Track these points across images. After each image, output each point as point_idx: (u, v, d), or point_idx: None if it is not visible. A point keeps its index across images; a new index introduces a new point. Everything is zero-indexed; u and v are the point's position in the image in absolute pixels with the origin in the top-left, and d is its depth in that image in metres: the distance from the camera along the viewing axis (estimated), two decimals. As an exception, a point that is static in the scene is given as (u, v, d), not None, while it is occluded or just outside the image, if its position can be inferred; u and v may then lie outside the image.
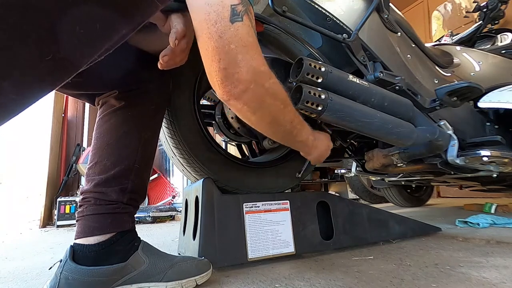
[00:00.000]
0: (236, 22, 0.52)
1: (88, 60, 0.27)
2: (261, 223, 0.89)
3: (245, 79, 0.54)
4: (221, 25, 0.51)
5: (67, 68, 0.26)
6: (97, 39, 0.26)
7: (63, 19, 0.22)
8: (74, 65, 0.26)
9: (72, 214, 2.50)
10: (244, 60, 0.53)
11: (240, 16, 0.52)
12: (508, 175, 1.27)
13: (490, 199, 2.18)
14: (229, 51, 0.52)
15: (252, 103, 0.58)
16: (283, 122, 0.66)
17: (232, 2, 0.51)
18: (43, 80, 0.25)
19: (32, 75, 0.24)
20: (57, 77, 0.26)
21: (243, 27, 0.52)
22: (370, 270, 0.77)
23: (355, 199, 2.87)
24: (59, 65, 0.25)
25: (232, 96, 0.56)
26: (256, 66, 0.55)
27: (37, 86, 0.25)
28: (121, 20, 0.26)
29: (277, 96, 0.61)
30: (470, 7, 1.89)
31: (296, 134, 0.72)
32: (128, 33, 0.28)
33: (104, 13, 0.24)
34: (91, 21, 0.24)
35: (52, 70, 0.25)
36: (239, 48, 0.52)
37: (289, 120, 0.67)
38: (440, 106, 0.95)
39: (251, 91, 0.56)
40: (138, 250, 0.68)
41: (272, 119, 0.64)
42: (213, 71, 0.54)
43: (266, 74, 0.58)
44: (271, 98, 0.60)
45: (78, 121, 3.19)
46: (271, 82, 0.59)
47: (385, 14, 1.03)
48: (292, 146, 0.80)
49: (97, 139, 0.71)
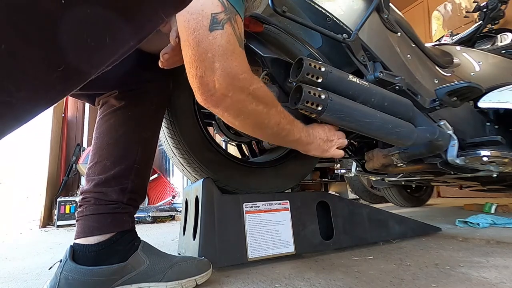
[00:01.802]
0: (216, 30, 0.52)
1: (97, 70, 0.28)
2: (261, 223, 0.89)
3: (222, 87, 0.54)
4: (199, 33, 0.52)
5: (77, 78, 0.27)
6: (106, 50, 0.27)
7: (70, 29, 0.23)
8: (84, 75, 0.27)
9: (72, 214, 2.50)
10: (221, 68, 0.53)
11: (220, 25, 0.52)
12: (508, 175, 1.27)
13: (490, 199, 2.18)
14: (206, 59, 0.52)
15: (233, 109, 0.59)
16: (269, 125, 0.66)
17: (213, 11, 0.52)
18: (55, 89, 0.26)
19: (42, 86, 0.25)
20: (67, 87, 0.27)
21: (222, 35, 0.53)
22: (370, 270, 0.77)
23: (355, 199, 2.87)
24: (70, 75, 0.26)
25: (210, 103, 0.57)
26: (234, 74, 0.55)
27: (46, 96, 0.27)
28: (130, 32, 0.27)
29: (260, 100, 0.61)
30: (470, 7, 1.89)
31: (285, 135, 0.71)
32: (136, 44, 0.29)
33: (114, 25, 0.25)
34: (100, 33, 0.25)
35: (63, 80, 0.26)
36: (216, 57, 0.53)
37: (275, 123, 0.67)
38: (440, 106, 0.95)
39: (229, 98, 0.56)
40: (138, 250, 0.68)
41: (256, 123, 0.64)
42: (191, 78, 0.55)
43: (246, 81, 0.57)
44: (253, 103, 0.60)
45: (78, 121, 3.19)
46: (253, 88, 0.59)
47: (385, 14, 1.03)
48: (286, 145, 0.80)
49: (97, 139, 0.71)
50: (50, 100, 0.27)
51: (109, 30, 0.25)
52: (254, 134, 0.71)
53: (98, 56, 0.26)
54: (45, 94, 0.26)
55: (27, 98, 0.25)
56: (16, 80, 0.23)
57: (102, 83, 0.72)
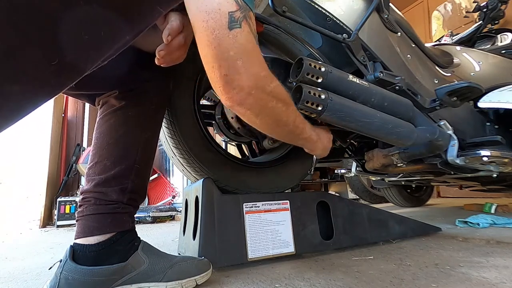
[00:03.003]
0: (235, 28, 0.52)
1: (92, 65, 0.28)
2: (261, 223, 0.89)
3: (247, 85, 0.55)
4: (219, 33, 0.51)
5: (72, 73, 0.27)
6: (102, 44, 0.27)
7: (69, 25, 0.23)
8: (79, 70, 0.27)
9: (72, 214, 2.50)
10: (244, 66, 0.53)
11: (238, 23, 0.52)
12: (508, 175, 1.27)
13: (490, 199, 2.18)
14: (228, 57, 0.52)
15: (255, 107, 0.59)
16: (287, 122, 0.68)
17: (230, 9, 0.51)
18: (50, 84, 0.26)
19: (39, 79, 0.25)
20: (62, 81, 0.27)
21: (241, 33, 0.53)
22: (370, 270, 0.77)
23: (355, 199, 2.87)
24: (65, 70, 0.26)
25: (235, 102, 0.57)
26: (256, 72, 0.56)
27: (44, 89, 0.26)
28: (125, 26, 0.27)
29: (279, 98, 0.62)
30: (470, 7, 1.89)
31: (299, 133, 0.74)
32: (132, 39, 0.28)
33: (108, 19, 0.25)
34: (96, 27, 0.25)
35: (58, 74, 0.26)
36: (238, 55, 0.53)
37: (292, 120, 0.69)
38: (440, 106, 0.95)
39: (253, 96, 0.56)
40: (138, 250, 0.68)
41: (276, 121, 0.66)
42: (214, 78, 0.54)
43: (267, 79, 0.58)
44: (273, 101, 0.61)
45: (78, 121, 3.19)
46: (272, 86, 0.60)
47: (385, 14, 1.03)
48: (296, 144, 0.81)
49: (97, 139, 0.71)
50: (47, 94, 0.27)
51: (104, 24, 0.25)
52: (272, 132, 0.72)
53: (94, 50, 0.26)
54: (40, 88, 0.26)
55: (23, 92, 0.24)
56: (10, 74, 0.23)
57: (102, 83, 0.72)
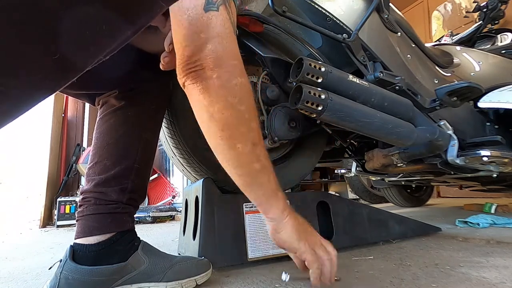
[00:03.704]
0: (211, 11, 0.49)
1: (93, 61, 0.27)
2: (261, 223, 0.89)
3: (209, 67, 0.49)
4: (192, 12, 0.48)
5: (73, 68, 0.27)
6: (103, 39, 0.27)
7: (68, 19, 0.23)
8: (80, 65, 0.27)
9: (72, 214, 2.50)
10: (213, 50, 0.49)
11: (215, 6, 0.49)
12: (508, 175, 1.27)
13: (490, 199, 2.18)
14: (198, 39, 0.49)
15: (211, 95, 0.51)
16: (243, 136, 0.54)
17: None
18: (49, 79, 0.26)
19: (39, 75, 0.25)
20: (63, 77, 0.27)
21: (217, 17, 0.49)
22: (370, 270, 0.77)
23: (355, 199, 2.87)
24: (65, 65, 0.25)
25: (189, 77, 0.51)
26: (226, 58, 0.51)
27: (43, 85, 0.26)
28: (126, 21, 0.27)
29: (243, 100, 0.53)
30: (470, 7, 1.89)
31: (258, 172, 0.58)
32: (133, 34, 0.28)
33: (109, 13, 0.25)
34: (96, 22, 0.25)
35: (58, 69, 0.25)
36: (210, 39, 0.49)
37: (253, 139, 0.55)
38: (440, 106, 0.95)
39: (212, 80, 0.50)
40: (138, 250, 0.68)
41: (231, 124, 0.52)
42: (179, 57, 0.51)
43: (236, 69, 0.52)
44: (236, 98, 0.52)
45: (78, 121, 3.19)
46: (240, 80, 0.52)
47: (385, 14, 1.03)
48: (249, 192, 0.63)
49: (97, 139, 0.71)
50: (47, 90, 0.27)
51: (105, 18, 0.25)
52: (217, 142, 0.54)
53: (94, 45, 0.26)
54: (40, 83, 0.25)
55: (23, 87, 0.24)
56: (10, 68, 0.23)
57: (102, 83, 0.72)
